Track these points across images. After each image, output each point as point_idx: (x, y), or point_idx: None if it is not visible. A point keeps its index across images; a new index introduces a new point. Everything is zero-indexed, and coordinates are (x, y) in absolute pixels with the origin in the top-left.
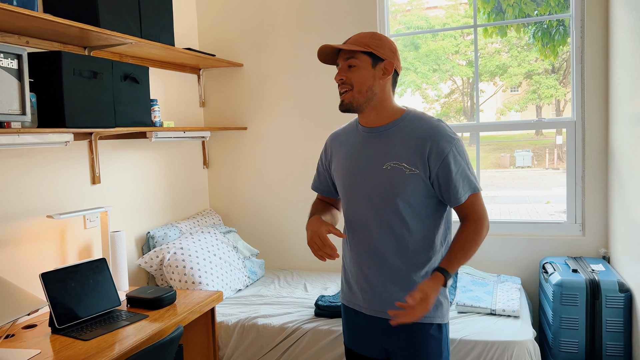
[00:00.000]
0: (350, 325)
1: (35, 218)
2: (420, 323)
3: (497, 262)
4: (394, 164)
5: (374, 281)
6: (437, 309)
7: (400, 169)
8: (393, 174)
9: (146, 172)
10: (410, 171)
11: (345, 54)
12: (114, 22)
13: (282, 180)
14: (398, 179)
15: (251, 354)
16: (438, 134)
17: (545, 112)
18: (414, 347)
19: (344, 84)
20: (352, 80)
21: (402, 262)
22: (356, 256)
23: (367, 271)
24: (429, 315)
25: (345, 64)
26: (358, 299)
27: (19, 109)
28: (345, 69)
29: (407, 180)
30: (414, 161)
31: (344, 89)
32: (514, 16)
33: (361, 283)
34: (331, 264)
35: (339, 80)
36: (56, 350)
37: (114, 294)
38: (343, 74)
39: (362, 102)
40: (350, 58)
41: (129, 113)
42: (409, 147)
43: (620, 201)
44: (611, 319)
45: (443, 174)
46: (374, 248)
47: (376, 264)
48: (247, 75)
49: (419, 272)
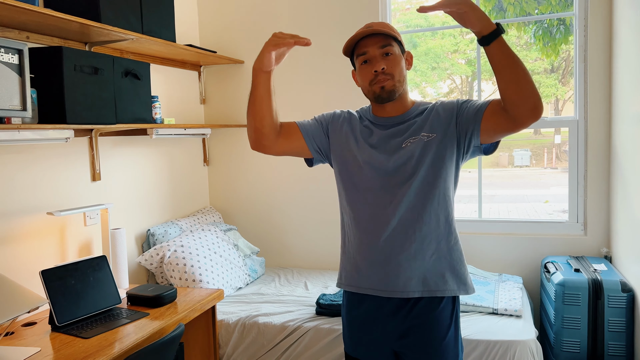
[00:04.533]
0: (353, 327)
1: (35, 215)
2: (433, 297)
3: (499, 261)
4: (412, 139)
5: (391, 259)
6: (462, 282)
7: (417, 141)
8: (411, 147)
9: (146, 169)
10: (428, 137)
11: (381, 42)
12: (115, 17)
13: (283, 178)
14: (416, 150)
15: (252, 353)
16: (442, 101)
17: (545, 111)
18: (427, 323)
19: (385, 74)
20: (393, 69)
21: (420, 236)
22: (368, 236)
23: (383, 250)
24: (451, 289)
25: (380, 51)
26: (373, 280)
27: (19, 104)
28: (380, 57)
29: (426, 147)
30: (429, 128)
31: (386, 78)
32: (515, 14)
33: (375, 264)
34: (329, 264)
35: (382, 69)
36: (56, 349)
37: (114, 291)
38: (383, 62)
39: (400, 91)
40: (387, 46)
41: (129, 109)
42: (421, 122)
43: (622, 200)
44: (613, 318)
45: (465, 106)
46: (390, 225)
47: (392, 242)
48: (248, 72)
49: (438, 246)
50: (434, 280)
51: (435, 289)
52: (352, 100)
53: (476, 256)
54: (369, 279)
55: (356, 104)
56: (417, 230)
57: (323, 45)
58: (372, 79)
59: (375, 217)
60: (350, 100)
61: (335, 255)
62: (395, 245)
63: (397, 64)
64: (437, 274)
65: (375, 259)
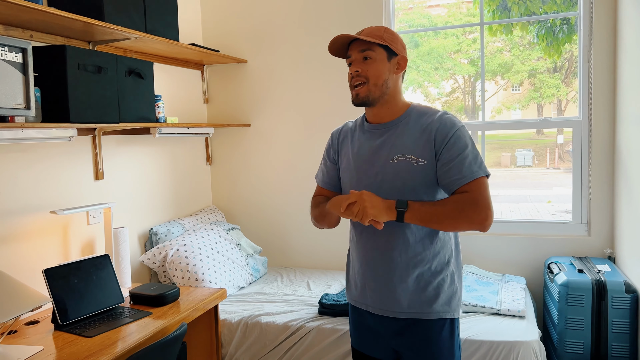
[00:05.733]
0: (358, 326)
1: (38, 213)
2: (432, 319)
3: (502, 262)
4: (401, 157)
5: (382, 279)
6: (450, 302)
7: (407, 161)
8: (400, 167)
9: (149, 168)
10: (417, 162)
11: (361, 46)
12: (119, 16)
13: (286, 178)
14: (405, 171)
15: (254, 352)
16: (442, 121)
17: (547, 112)
18: (425, 346)
19: (358, 76)
20: (368, 73)
21: (410, 258)
22: (364, 253)
23: (375, 269)
24: (441, 311)
25: (360, 55)
26: (366, 298)
27: (23, 103)
28: (359, 61)
29: (413, 172)
30: (420, 152)
31: (358, 81)
32: (520, 14)
33: (369, 282)
34: (332, 264)
35: (355, 72)
36: (59, 347)
37: (117, 290)
38: (358, 66)
39: (377, 95)
40: (366, 50)
41: (133, 108)
42: (415, 139)
43: (626, 201)
44: (617, 320)
45: (447, 153)
46: (381, 245)
47: (384, 262)
48: (251, 71)
49: (426, 268)
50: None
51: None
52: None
53: (479, 256)
54: (365, 297)
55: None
56: (407, 249)
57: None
58: (350, 81)
59: (369, 236)
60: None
61: (338, 254)
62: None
63: (375, 67)
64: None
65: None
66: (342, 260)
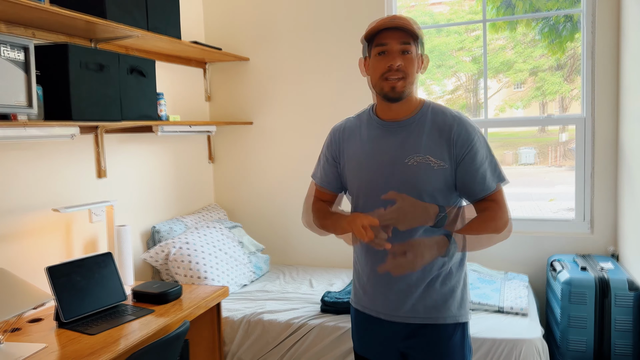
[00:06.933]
0: (364, 332)
1: (40, 211)
2: (443, 324)
3: (504, 260)
4: (419, 159)
5: (396, 286)
6: (463, 305)
7: (427, 164)
8: (420, 169)
9: (152, 166)
10: (438, 166)
11: (403, 37)
12: (121, 14)
13: (288, 175)
14: (425, 174)
15: (257, 350)
16: (461, 122)
17: (549, 109)
18: (436, 349)
19: (398, 71)
20: (407, 70)
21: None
22: (374, 258)
23: (388, 276)
24: (456, 315)
25: (400, 48)
26: (377, 304)
27: (25, 101)
28: (398, 53)
29: (434, 175)
30: (440, 154)
31: (397, 75)
32: (524, 10)
33: (380, 287)
34: (334, 261)
35: (397, 66)
36: (62, 345)
37: (119, 288)
38: (400, 59)
39: (408, 92)
40: (407, 44)
41: (135, 106)
42: (433, 138)
43: (629, 198)
44: (620, 317)
45: (470, 161)
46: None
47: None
48: (253, 69)
49: (441, 272)
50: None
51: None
52: (357, 98)
53: (482, 254)
54: (375, 303)
55: (361, 102)
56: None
57: (328, 42)
58: (384, 72)
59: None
60: (356, 97)
61: (340, 252)
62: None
63: (413, 64)
64: (442, 299)
65: (381, 285)
66: (344, 258)
